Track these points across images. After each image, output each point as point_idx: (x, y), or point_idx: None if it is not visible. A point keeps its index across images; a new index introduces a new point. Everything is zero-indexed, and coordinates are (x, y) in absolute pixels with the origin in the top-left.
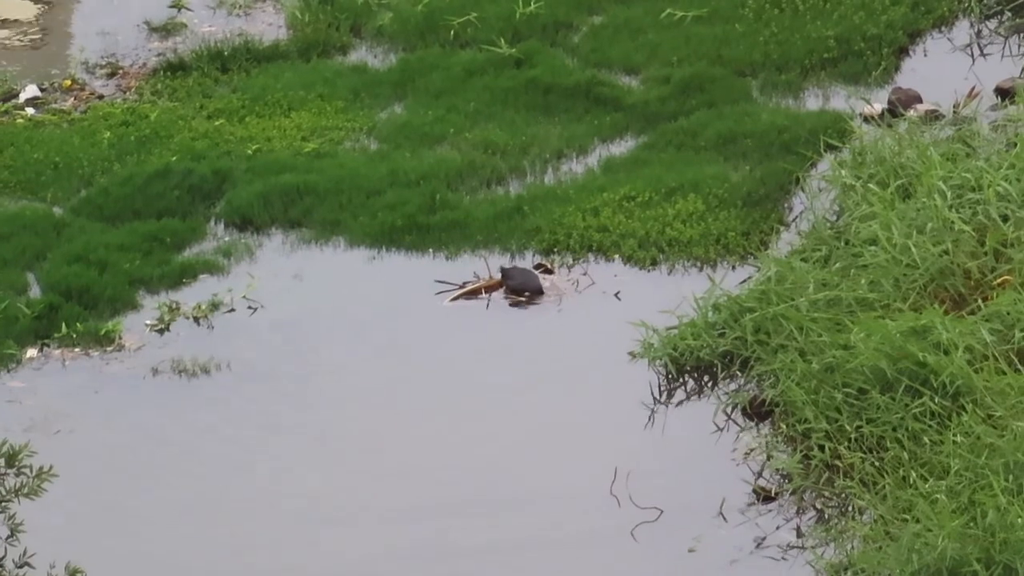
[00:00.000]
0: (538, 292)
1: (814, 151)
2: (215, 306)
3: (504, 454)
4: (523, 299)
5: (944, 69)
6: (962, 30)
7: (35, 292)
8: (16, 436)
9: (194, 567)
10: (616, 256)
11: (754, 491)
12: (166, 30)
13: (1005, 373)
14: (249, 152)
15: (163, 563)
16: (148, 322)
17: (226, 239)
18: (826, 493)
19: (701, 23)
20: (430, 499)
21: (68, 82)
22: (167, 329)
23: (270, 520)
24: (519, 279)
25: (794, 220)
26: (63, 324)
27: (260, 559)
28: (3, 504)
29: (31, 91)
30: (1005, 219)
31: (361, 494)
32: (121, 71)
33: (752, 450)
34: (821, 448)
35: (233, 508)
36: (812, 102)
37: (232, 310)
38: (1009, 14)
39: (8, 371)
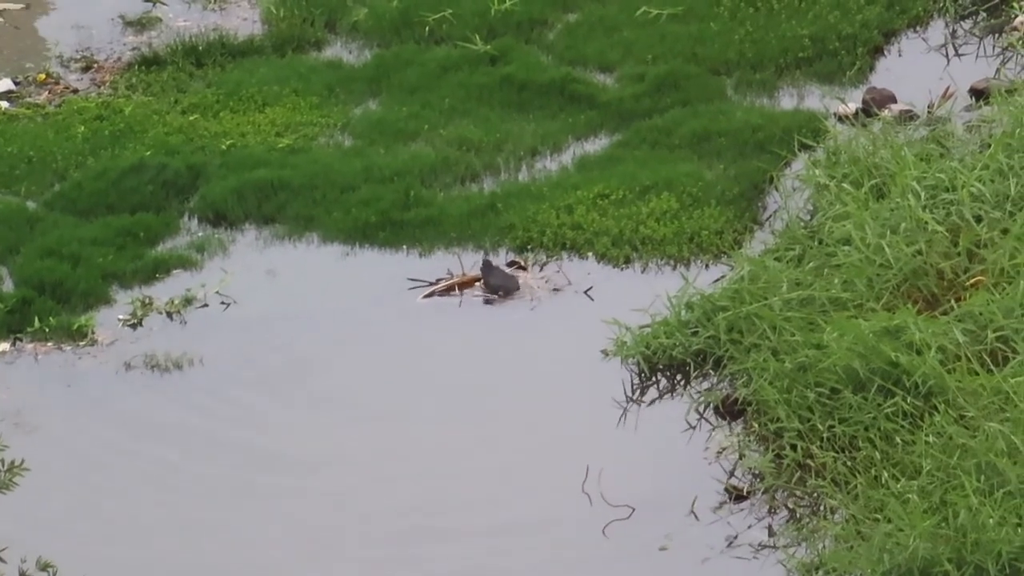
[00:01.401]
0: (515, 291)
1: (788, 150)
2: (188, 301)
3: (475, 451)
4: (497, 296)
5: (919, 69)
6: (937, 30)
7: (8, 286)
8: None
9: (163, 561)
10: (590, 254)
11: (726, 490)
12: (141, 24)
13: (977, 374)
14: (223, 147)
15: (133, 557)
16: (121, 317)
17: (200, 234)
18: (798, 492)
19: (676, 21)
20: (398, 495)
21: (42, 76)
22: (140, 324)
23: (239, 514)
24: (500, 279)
25: (768, 219)
26: (36, 318)
27: (229, 553)
28: None
29: (5, 85)
30: (979, 220)
31: (332, 488)
32: (96, 65)
33: (724, 449)
34: (793, 447)
35: (204, 503)
36: (786, 101)
37: (205, 305)
38: (984, 14)
39: None
